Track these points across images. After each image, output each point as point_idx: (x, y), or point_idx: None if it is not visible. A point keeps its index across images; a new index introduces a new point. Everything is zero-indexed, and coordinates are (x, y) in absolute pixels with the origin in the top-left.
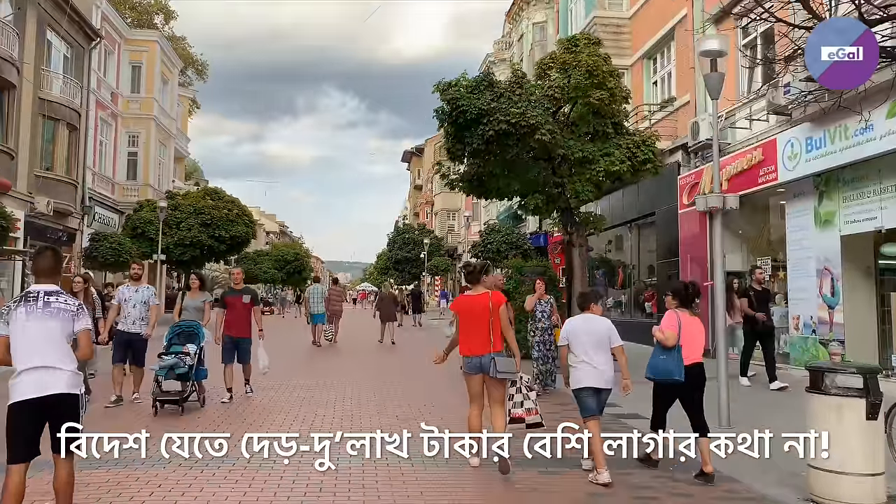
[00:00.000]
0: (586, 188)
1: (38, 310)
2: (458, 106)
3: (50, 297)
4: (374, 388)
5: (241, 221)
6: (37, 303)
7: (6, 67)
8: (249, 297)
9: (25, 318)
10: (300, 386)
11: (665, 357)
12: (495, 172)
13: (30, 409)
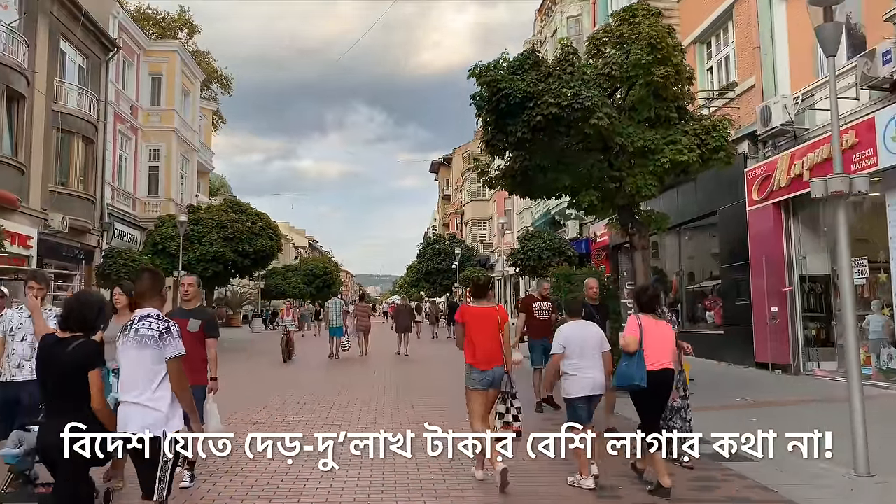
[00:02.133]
0: (648, 182)
1: (131, 339)
2: (498, 90)
3: (140, 322)
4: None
5: (265, 235)
6: (130, 330)
7: (15, 77)
8: (199, 322)
9: (122, 346)
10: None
11: (627, 363)
12: (543, 166)
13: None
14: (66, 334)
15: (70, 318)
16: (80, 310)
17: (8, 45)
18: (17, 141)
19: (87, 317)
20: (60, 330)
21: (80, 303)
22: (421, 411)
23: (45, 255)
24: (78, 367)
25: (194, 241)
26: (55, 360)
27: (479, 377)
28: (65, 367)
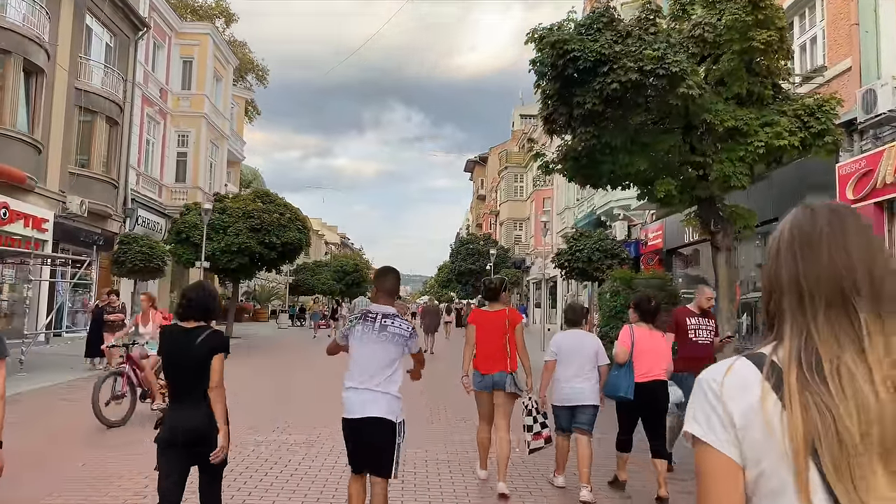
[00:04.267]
0: (739, 170)
1: (374, 332)
2: (565, 52)
3: (386, 319)
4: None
5: (293, 227)
6: (374, 324)
7: (33, 50)
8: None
9: (360, 337)
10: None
11: (616, 373)
12: (614, 145)
13: (350, 428)
14: (192, 324)
15: (193, 307)
16: (205, 300)
17: (28, 16)
18: (34, 117)
19: (210, 307)
20: (181, 320)
21: (204, 293)
22: (434, 399)
23: (62, 240)
24: (209, 355)
25: (219, 231)
26: (186, 349)
27: (479, 379)
28: (199, 355)
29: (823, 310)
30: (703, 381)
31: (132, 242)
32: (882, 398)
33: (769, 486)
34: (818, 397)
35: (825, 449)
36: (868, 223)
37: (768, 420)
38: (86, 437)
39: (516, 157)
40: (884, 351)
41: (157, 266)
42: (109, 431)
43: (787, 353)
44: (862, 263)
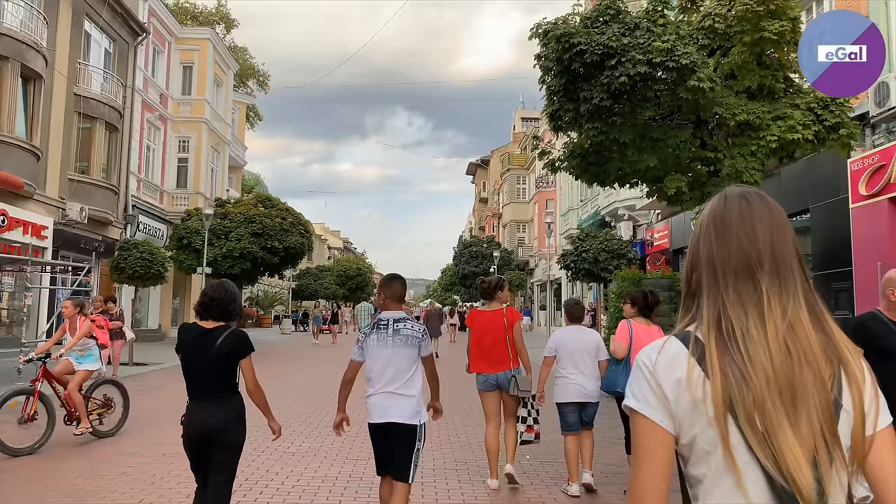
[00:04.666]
0: (750, 165)
1: (389, 338)
2: (571, 45)
3: (398, 324)
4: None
5: (296, 231)
6: (387, 330)
7: (31, 55)
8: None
9: (376, 345)
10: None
11: (614, 369)
12: (622, 142)
13: (374, 431)
14: (211, 324)
15: (213, 308)
16: (226, 301)
17: (25, 22)
18: (33, 124)
19: (230, 308)
20: (201, 319)
21: (226, 294)
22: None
23: (62, 247)
24: (232, 355)
25: (221, 237)
26: (207, 348)
27: (482, 379)
28: (219, 355)
29: (733, 283)
30: (640, 360)
31: (132, 249)
32: (775, 361)
33: (701, 448)
34: (734, 363)
35: (740, 408)
36: (775, 207)
37: (694, 390)
38: (67, 455)
39: (518, 160)
40: (780, 316)
41: (158, 272)
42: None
43: (706, 321)
44: (765, 242)
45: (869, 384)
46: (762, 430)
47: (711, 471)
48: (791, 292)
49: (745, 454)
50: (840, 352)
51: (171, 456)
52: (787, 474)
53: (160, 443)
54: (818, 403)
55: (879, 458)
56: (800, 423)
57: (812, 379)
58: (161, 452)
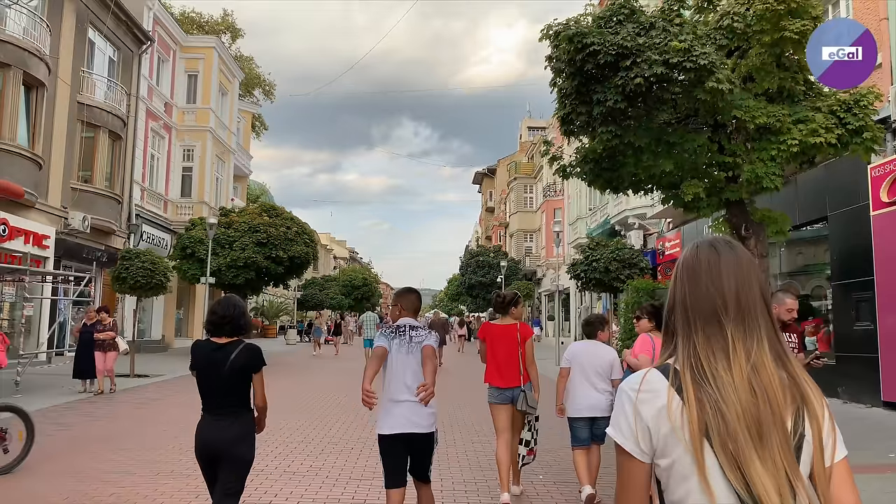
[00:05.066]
0: (770, 170)
1: (406, 345)
2: (584, 46)
3: (412, 331)
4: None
5: (300, 240)
6: (405, 337)
7: (33, 63)
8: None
9: (397, 349)
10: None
11: None
12: (637, 146)
13: (392, 441)
14: (224, 340)
15: (224, 325)
16: (237, 317)
17: (28, 29)
18: (35, 132)
19: (241, 323)
20: (212, 336)
21: (235, 310)
22: (448, 416)
23: (64, 257)
24: (245, 369)
25: (225, 246)
26: (220, 363)
27: (496, 393)
28: (233, 369)
29: (702, 327)
30: (623, 391)
31: (134, 258)
32: (742, 399)
33: (679, 472)
34: (708, 395)
35: (715, 436)
36: (743, 257)
37: (673, 418)
38: (50, 472)
39: (525, 168)
40: (745, 359)
41: (160, 282)
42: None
43: (681, 360)
44: (730, 290)
45: (827, 419)
46: (735, 459)
47: (688, 495)
48: (755, 337)
49: (720, 479)
50: (802, 390)
51: (165, 475)
52: (758, 500)
53: (155, 461)
54: (780, 439)
55: (838, 488)
56: (766, 456)
57: (773, 417)
58: (155, 471)
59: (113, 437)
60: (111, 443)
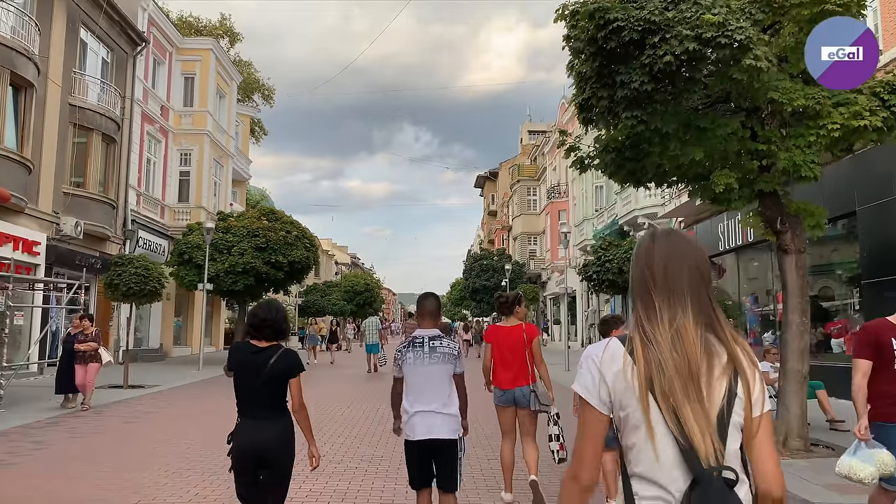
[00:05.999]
0: (808, 158)
1: (426, 356)
2: (606, 22)
3: (434, 341)
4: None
5: (301, 245)
6: (423, 348)
7: (21, 62)
8: None
9: (414, 363)
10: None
11: None
12: (664, 132)
13: (419, 448)
14: (264, 343)
15: (265, 328)
16: (278, 321)
17: (16, 29)
18: (24, 134)
19: (283, 327)
20: (253, 339)
21: (277, 314)
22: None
23: (56, 263)
24: (284, 374)
25: (223, 252)
26: (260, 367)
27: (500, 394)
28: (272, 373)
29: (641, 299)
30: (589, 356)
31: (126, 264)
32: (673, 357)
33: (631, 422)
34: (653, 354)
35: (658, 389)
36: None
37: (627, 377)
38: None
39: (528, 170)
40: (668, 324)
41: (154, 289)
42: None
43: (633, 326)
44: (658, 270)
45: (757, 378)
46: (672, 407)
47: (639, 440)
48: (679, 306)
49: (662, 427)
50: (733, 354)
51: (147, 502)
52: (691, 440)
53: (137, 485)
54: (700, 391)
55: (760, 437)
56: (692, 405)
57: (691, 373)
58: (136, 497)
59: (94, 457)
60: (91, 463)
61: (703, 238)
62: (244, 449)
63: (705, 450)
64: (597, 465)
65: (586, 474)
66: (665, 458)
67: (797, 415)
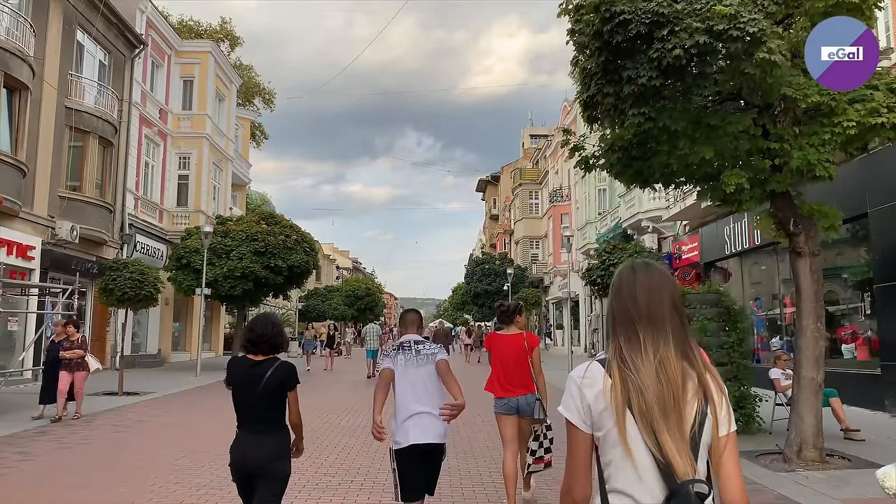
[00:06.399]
0: (823, 157)
1: (413, 357)
2: (612, 15)
3: (418, 345)
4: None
5: (300, 249)
6: (411, 351)
7: (15, 64)
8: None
9: (404, 365)
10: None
11: None
12: (673, 130)
13: (410, 453)
14: (260, 357)
15: (262, 343)
16: (274, 336)
17: (10, 29)
18: (18, 137)
19: (278, 342)
20: (249, 354)
21: (273, 329)
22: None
23: (51, 268)
24: (280, 387)
25: (221, 256)
26: (257, 380)
27: (499, 403)
28: (269, 386)
29: (623, 329)
30: (572, 379)
31: (121, 269)
32: (654, 385)
33: (610, 440)
34: (631, 378)
35: (636, 409)
36: (655, 275)
37: (607, 398)
38: None
39: (530, 174)
40: (652, 355)
41: (149, 294)
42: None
43: (611, 354)
44: (642, 303)
45: (724, 403)
46: (651, 427)
47: (616, 458)
48: (662, 338)
49: (639, 443)
50: (704, 381)
51: None
52: (668, 458)
53: (123, 501)
54: (677, 417)
55: (727, 456)
56: (671, 428)
57: (673, 400)
58: None
59: (81, 470)
60: (78, 476)
61: (708, 241)
62: (239, 462)
63: (682, 466)
64: (588, 480)
65: (579, 492)
66: (642, 474)
67: (812, 425)
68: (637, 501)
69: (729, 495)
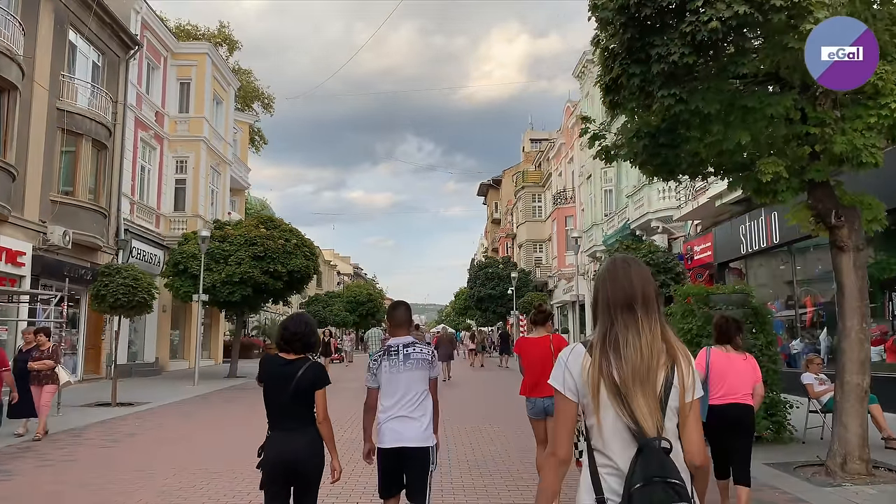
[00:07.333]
0: (870, 142)
1: (400, 363)
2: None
3: (407, 348)
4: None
5: (300, 253)
6: (398, 356)
7: (3, 63)
8: None
9: (389, 370)
10: None
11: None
12: (706, 114)
13: (386, 456)
14: (292, 356)
15: (295, 342)
16: (307, 335)
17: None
18: (7, 139)
19: (311, 341)
20: (283, 352)
21: (306, 328)
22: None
23: (43, 275)
24: (311, 386)
25: (219, 261)
26: (289, 379)
27: (530, 405)
28: (300, 385)
29: (620, 312)
30: (560, 357)
31: (114, 274)
32: (643, 357)
33: (589, 407)
34: (607, 359)
35: (608, 385)
36: (644, 268)
37: (585, 375)
38: None
39: (533, 177)
40: (648, 331)
41: (143, 300)
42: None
43: (596, 336)
44: (637, 288)
45: (690, 373)
46: (623, 397)
47: (594, 423)
48: (652, 318)
49: (610, 412)
50: (674, 352)
51: None
52: (638, 421)
53: None
54: (652, 385)
55: (690, 419)
56: (647, 393)
57: (649, 371)
58: None
59: (62, 491)
60: (57, 498)
61: (722, 241)
62: (274, 461)
63: (650, 426)
64: (570, 443)
65: (562, 451)
66: (616, 435)
67: (858, 434)
68: (611, 458)
69: (690, 452)
